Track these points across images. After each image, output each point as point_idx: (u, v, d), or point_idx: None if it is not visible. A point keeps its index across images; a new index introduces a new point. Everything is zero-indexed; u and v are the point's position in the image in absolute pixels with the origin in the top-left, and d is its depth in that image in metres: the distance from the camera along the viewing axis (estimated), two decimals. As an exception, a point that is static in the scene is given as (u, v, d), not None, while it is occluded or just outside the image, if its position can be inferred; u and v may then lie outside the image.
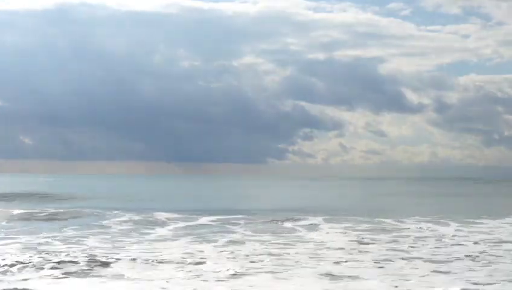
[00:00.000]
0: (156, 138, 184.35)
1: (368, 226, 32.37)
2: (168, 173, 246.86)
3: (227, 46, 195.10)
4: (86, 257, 20.13)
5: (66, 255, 20.44)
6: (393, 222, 34.20)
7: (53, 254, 20.71)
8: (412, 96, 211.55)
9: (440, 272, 18.30)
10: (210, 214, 37.77)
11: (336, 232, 29.18)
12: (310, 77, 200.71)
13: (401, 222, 34.60)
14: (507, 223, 34.81)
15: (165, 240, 26.12)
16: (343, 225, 32.60)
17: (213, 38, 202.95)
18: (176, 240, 26.06)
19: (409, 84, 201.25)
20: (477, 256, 21.48)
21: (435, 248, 23.88)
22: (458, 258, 20.97)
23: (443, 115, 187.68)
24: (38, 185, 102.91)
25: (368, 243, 25.12)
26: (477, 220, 35.80)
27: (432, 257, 21.45)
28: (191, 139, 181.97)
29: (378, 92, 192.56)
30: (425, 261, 20.44)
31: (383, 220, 35.41)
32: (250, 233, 28.83)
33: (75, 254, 20.76)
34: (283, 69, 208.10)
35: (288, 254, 21.72)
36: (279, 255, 21.39)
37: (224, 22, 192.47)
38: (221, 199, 65.19)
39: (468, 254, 21.89)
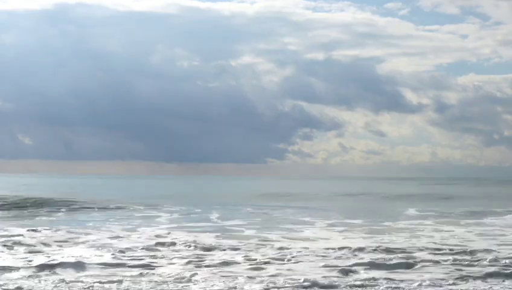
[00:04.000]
0: (155, 138, 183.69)
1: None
2: (168, 174, 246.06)
3: (226, 46, 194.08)
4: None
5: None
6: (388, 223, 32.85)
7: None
8: (411, 96, 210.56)
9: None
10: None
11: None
12: (309, 77, 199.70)
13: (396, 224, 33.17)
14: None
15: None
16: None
17: (211, 38, 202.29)
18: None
19: (408, 84, 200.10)
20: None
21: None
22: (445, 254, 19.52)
23: (443, 115, 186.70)
24: (78, 187, 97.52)
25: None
26: (479, 222, 34.34)
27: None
28: (190, 139, 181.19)
29: (377, 92, 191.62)
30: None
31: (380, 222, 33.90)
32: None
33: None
34: (282, 69, 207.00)
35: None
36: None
37: (222, 21, 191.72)
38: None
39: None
